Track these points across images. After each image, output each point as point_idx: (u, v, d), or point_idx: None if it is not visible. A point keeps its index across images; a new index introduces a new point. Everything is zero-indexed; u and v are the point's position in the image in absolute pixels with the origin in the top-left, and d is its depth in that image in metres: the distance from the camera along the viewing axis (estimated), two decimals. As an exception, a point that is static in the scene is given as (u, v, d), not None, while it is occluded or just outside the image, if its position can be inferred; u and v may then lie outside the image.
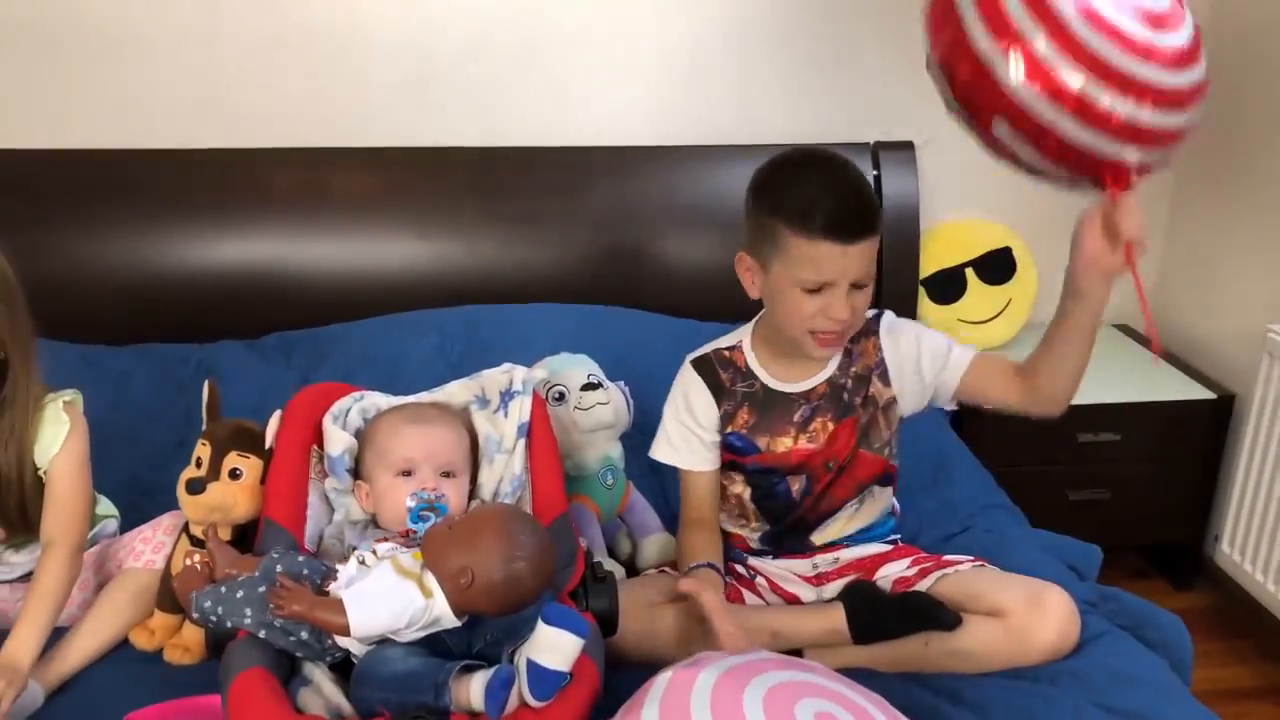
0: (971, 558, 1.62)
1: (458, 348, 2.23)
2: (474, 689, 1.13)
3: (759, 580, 1.63)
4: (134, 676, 1.44)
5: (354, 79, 2.42)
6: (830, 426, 1.58)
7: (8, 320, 1.46)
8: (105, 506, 1.69)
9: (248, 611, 1.23)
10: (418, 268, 2.42)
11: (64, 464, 1.50)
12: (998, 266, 2.62)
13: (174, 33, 2.34)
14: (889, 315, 1.63)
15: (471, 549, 1.21)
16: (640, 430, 1.85)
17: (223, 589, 1.25)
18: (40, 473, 1.50)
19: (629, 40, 2.46)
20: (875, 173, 2.47)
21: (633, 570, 1.71)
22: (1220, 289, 2.54)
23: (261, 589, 1.23)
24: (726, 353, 1.62)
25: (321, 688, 1.23)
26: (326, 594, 1.23)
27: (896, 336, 1.60)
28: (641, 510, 1.77)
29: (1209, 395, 2.41)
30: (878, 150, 2.50)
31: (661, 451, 1.63)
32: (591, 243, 2.42)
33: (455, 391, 1.64)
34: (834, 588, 1.59)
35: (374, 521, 1.50)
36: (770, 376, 1.59)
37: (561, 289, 2.36)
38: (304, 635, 1.22)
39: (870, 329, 1.60)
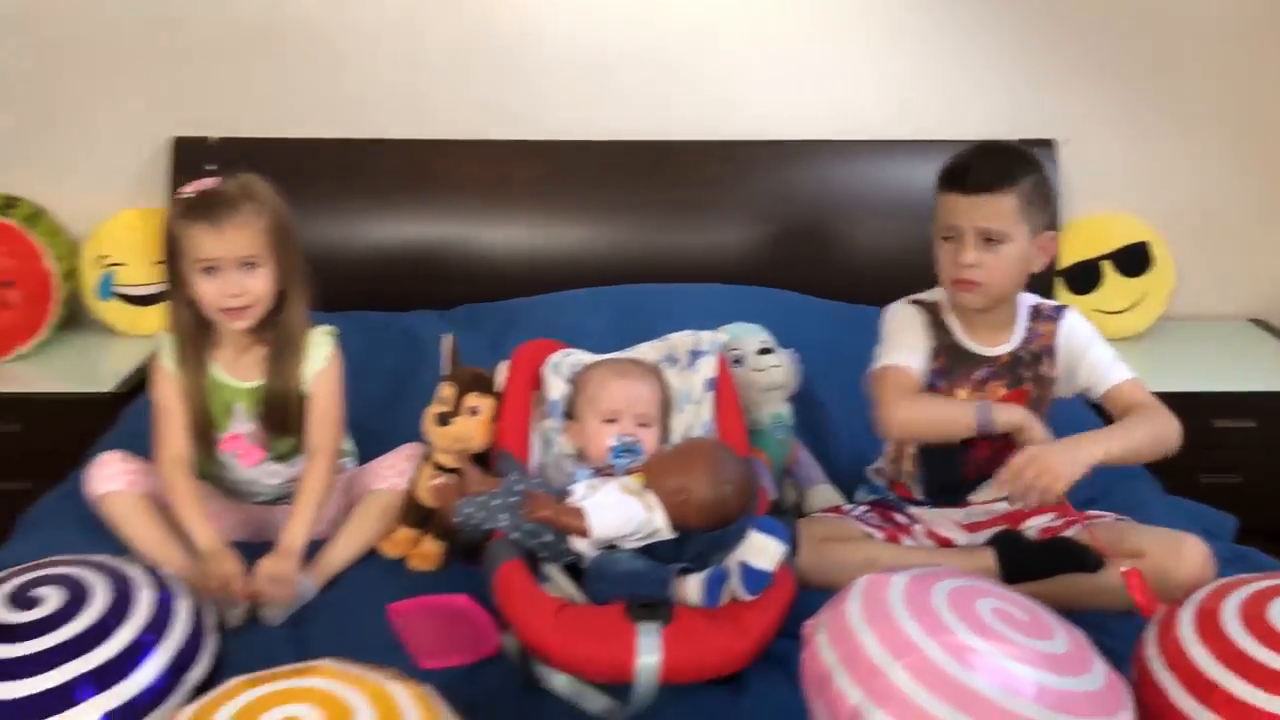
0: (1111, 515, 1.78)
1: (629, 322, 2.44)
2: (691, 586, 1.36)
3: (916, 527, 1.82)
4: (384, 578, 1.72)
5: (535, 77, 2.68)
6: (1001, 393, 1.78)
7: (286, 258, 1.76)
8: (346, 444, 1.98)
9: (503, 517, 1.48)
10: (591, 250, 2.67)
11: (326, 384, 1.79)
12: (1135, 260, 2.74)
13: (379, 38, 2.63)
14: (1074, 312, 1.84)
15: (687, 473, 1.45)
16: (801, 400, 2.07)
17: (480, 499, 1.51)
18: (304, 390, 1.79)
19: (791, 39, 2.66)
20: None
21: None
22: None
23: (514, 499, 1.48)
24: (930, 305, 1.83)
25: (559, 583, 1.48)
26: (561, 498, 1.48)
27: (1073, 330, 1.81)
28: (808, 464, 1.98)
29: (1345, 385, 2.49)
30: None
31: (894, 355, 1.76)
32: (753, 231, 2.64)
33: (646, 352, 1.89)
34: (985, 535, 1.77)
35: (579, 456, 1.74)
36: (963, 334, 1.80)
37: (724, 273, 2.57)
38: (548, 538, 1.47)
39: (1053, 316, 1.82)
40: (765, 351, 1.94)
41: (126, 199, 2.70)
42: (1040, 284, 2.69)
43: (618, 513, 1.43)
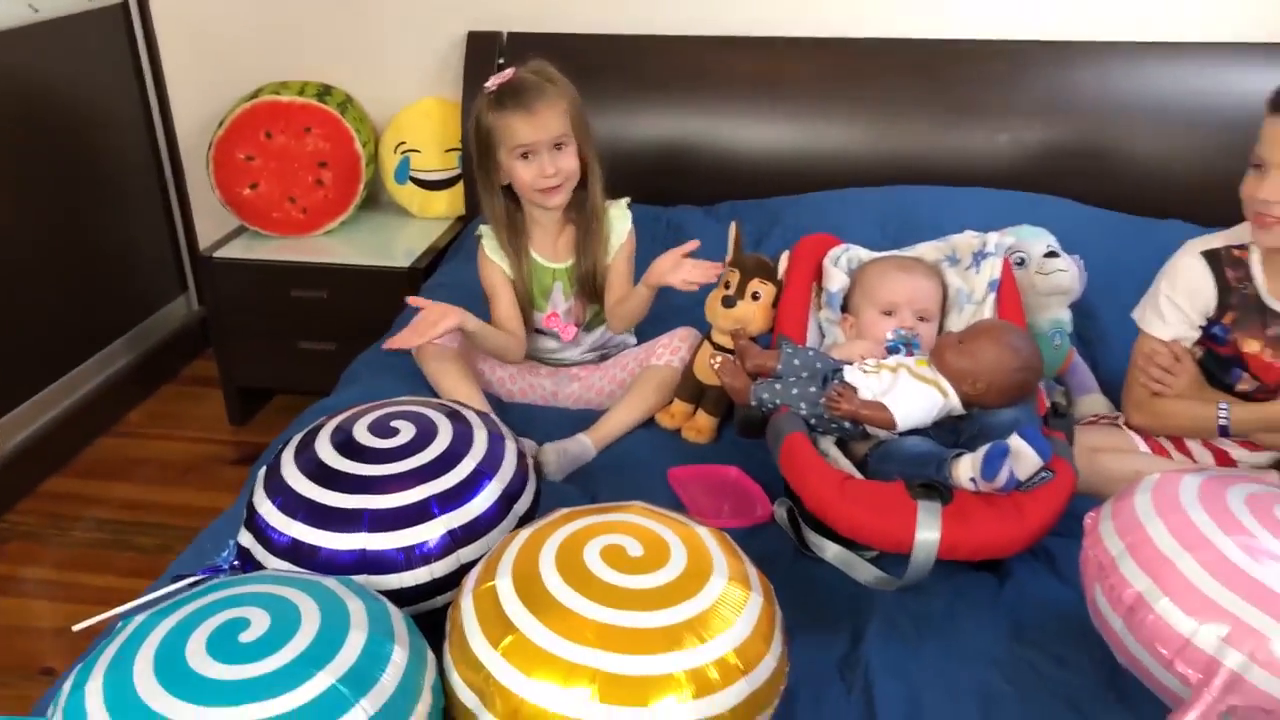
0: None
1: (897, 223, 2.46)
2: (964, 465, 1.41)
3: (1192, 443, 1.78)
4: (661, 447, 1.86)
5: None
6: None
7: (585, 136, 1.90)
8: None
9: (802, 405, 1.58)
10: (857, 152, 2.67)
11: (627, 253, 1.96)
12: None
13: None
14: None
15: (979, 355, 1.51)
16: (1077, 308, 2.04)
17: (777, 385, 1.61)
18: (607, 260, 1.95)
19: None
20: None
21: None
22: None
23: (812, 387, 1.58)
24: (1236, 251, 1.71)
25: (835, 457, 1.56)
26: (853, 390, 1.56)
27: None
28: (1082, 372, 1.96)
29: None
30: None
31: (1147, 320, 1.75)
32: (1030, 136, 2.56)
33: (927, 250, 1.91)
34: (1266, 456, 1.72)
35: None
36: (1265, 288, 1.68)
37: (996, 178, 2.53)
38: (846, 424, 1.56)
39: None
40: (1051, 255, 1.92)
41: (424, 89, 2.91)
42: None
43: (918, 403, 1.51)
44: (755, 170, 2.72)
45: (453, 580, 1.28)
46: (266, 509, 1.31)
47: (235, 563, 1.34)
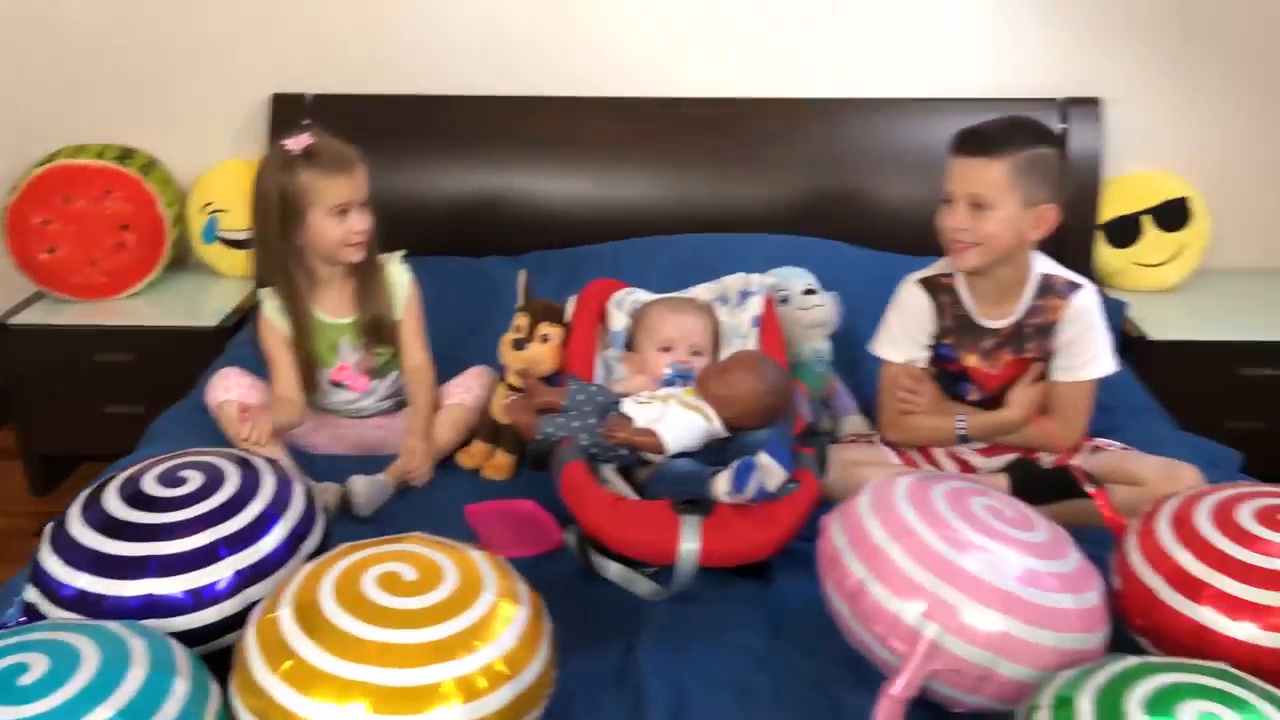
0: (1120, 443, 1.94)
1: (686, 268, 2.62)
2: (720, 481, 1.57)
3: (938, 453, 1.99)
4: (461, 485, 1.96)
5: (601, 39, 2.85)
6: (1008, 359, 1.92)
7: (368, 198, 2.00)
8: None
9: (584, 436, 1.71)
10: (652, 201, 2.85)
11: (414, 307, 2.06)
12: (1173, 215, 2.84)
13: (465, 3, 2.83)
14: (1088, 292, 1.88)
15: (736, 383, 1.69)
16: (841, 339, 2.25)
17: (561, 418, 1.74)
18: (395, 316, 2.03)
19: (839, 6, 2.80)
20: (1063, 126, 2.74)
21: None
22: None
23: (593, 419, 1.71)
24: (945, 279, 1.95)
25: (614, 482, 1.70)
26: (628, 419, 1.70)
27: (1079, 313, 1.87)
28: (844, 396, 2.17)
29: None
30: (1066, 106, 2.76)
31: (883, 348, 1.97)
32: (802, 184, 2.80)
33: (701, 292, 2.09)
34: (1002, 460, 1.95)
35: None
36: (971, 305, 1.92)
37: (774, 224, 2.74)
38: (623, 451, 1.70)
39: (1063, 294, 1.89)
40: (809, 292, 2.13)
41: (230, 150, 2.95)
42: (1082, 238, 2.85)
43: (686, 428, 1.66)
44: (558, 221, 2.86)
45: (242, 619, 1.34)
46: (51, 563, 1.35)
47: (22, 619, 1.36)
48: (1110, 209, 2.85)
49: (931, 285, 1.95)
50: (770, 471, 1.54)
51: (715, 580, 1.62)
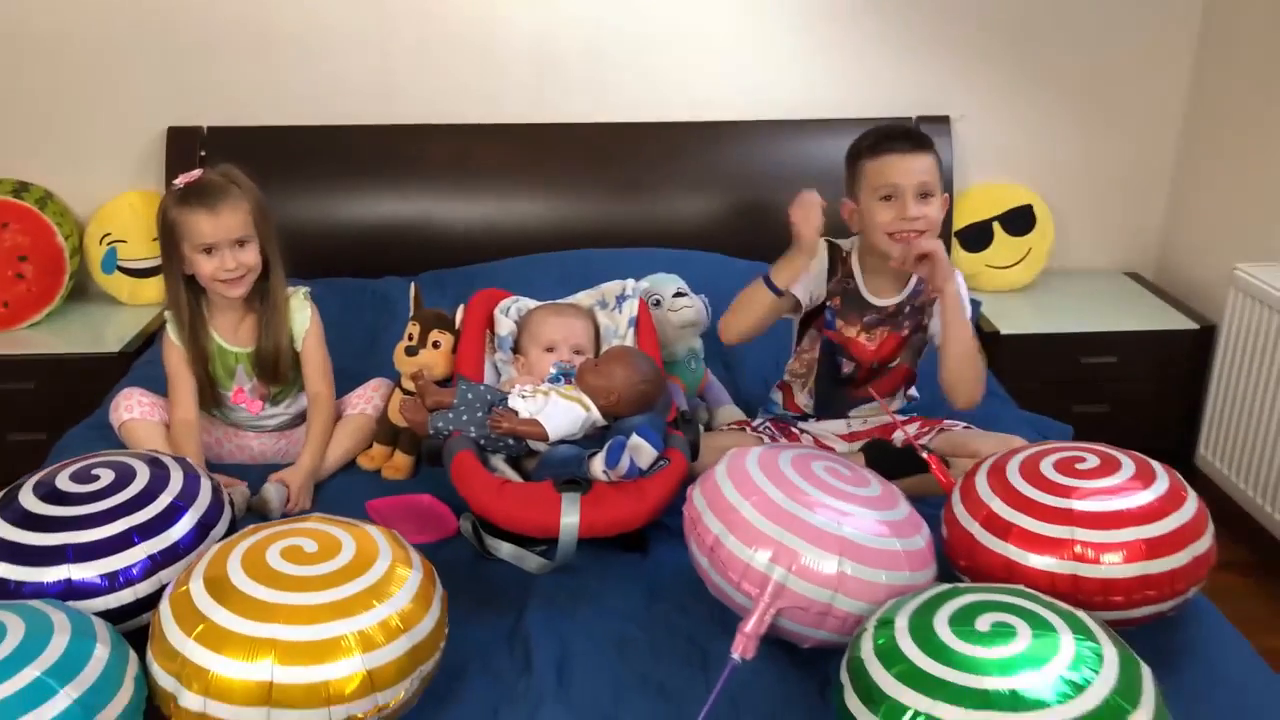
0: (964, 424, 2.16)
1: (574, 281, 2.80)
2: (597, 461, 1.74)
3: (805, 438, 2.19)
4: (363, 485, 2.09)
5: (491, 68, 3.02)
6: (884, 334, 2.13)
7: (267, 232, 2.09)
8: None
9: (472, 429, 1.85)
10: (541, 221, 3.02)
11: (314, 338, 2.14)
12: (1020, 221, 3.13)
13: (351, 35, 2.97)
14: (959, 276, 2.07)
15: (612, 375, 1.85)
16: (718, 340, 2.43)
17: (450, 414, 1.88)
18: (295, 346, 2.13)
19: (717, 34, 3.02)
20: (916, 141, 2.99)
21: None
22: (1204, 231, 3.04)
23: (480, 413, 1.86)
24: (843, 252, 2.12)
25: (501, 469, 1.85)
26: (514, 412, 1.85)
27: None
28: (717, 389, 2.36)
29: (1193, 325, 2.89)
30: (919, 123, 3.02)
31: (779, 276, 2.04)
32: (686, 203, 3.00)
33: (582, 298, 2.26)
34: (861, 444, 2.15)
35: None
36: (864, 284, 2.11)
37: (659, 240, 2.93)
38: (510, 441, 1.85)
39: None
40: (679, 295, 2.31)
41: (127, 182, 3.03)
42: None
43: (565, 417, 1.82)
44: (454, 242, 3.01)
45: (155, 599, 1.46)
46: (-31, 558, 1.45)
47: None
48: (962, 217, 3.11)
49: (833, 249, 2.13)
50: (640, 450, 1.71)
51: (597, 554, 1.78)
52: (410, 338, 2.11)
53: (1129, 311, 2.99)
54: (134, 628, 1.46)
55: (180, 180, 2.05)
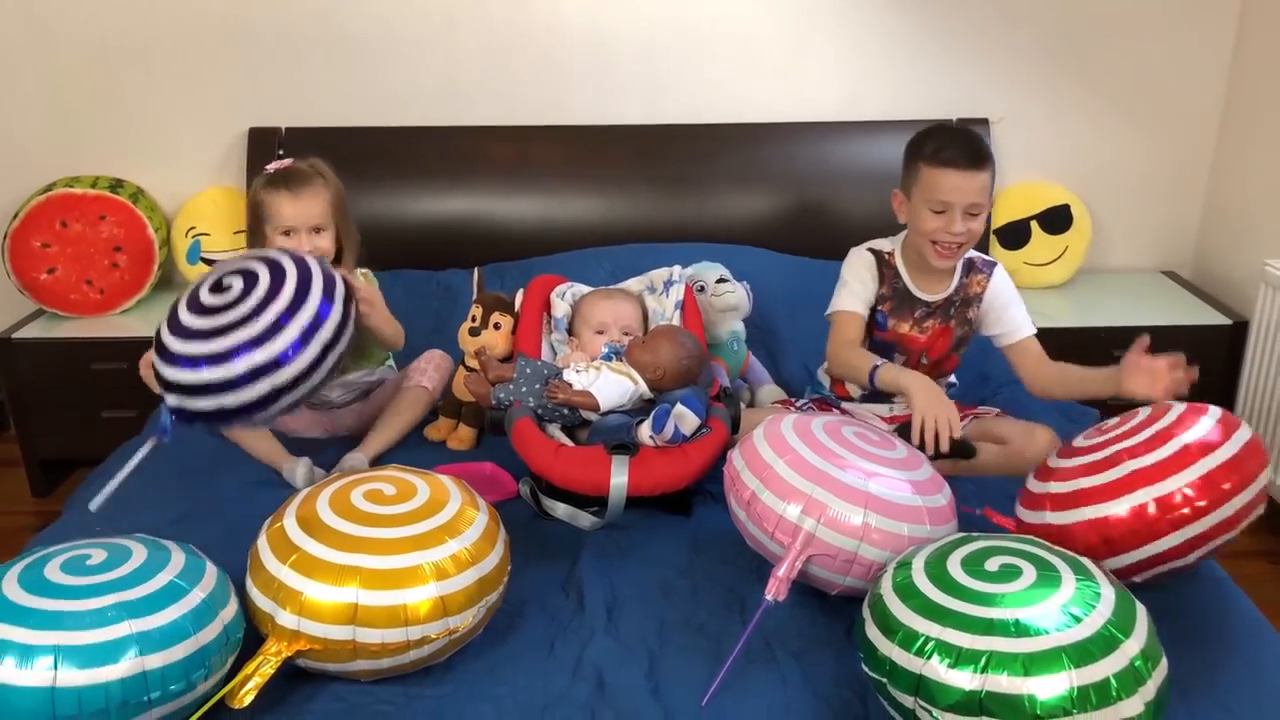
0: (995, 410, 2.28)
1: (623, 273, 2.96)
2: (644, 427, 1.90)
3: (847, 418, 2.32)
4: (430, 455, 2.26)
5: (551, 72, 3.19)
6: (935, 327, 2.23)
7: (344, 224, 2.25)
8: (388, 361, 2.51)
9: (530, 399, 2.02)
10: (594, 217, 3.17)
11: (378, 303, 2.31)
12: (1058, 220, 3.23)
13: (420, 41, 3.16)
14: (1001, 268, 2.22)
15: (658, 350, 2.00)
16: (762, 327, 2.58)
17: (511, 386, 2.05)
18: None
19: (765, 38, 3.17)
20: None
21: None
22: (1238, 228, 3.12)
23: (538, 385, 2.02)
24: (886, 255, 2.22)
25: (557, 435, 2.02)
26: (568, 385, 2.02)
27: (999, 288, 2.20)
28: (758, 370, 2.51)
29: (1226, 321, 2.97)
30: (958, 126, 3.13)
31: (843, 302, 2.17)
32: (734, 200, 3.13)
33: (631, 284, 2.42)
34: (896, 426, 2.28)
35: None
36: (910, 281, 2.22)
37: (707, 236, 3.08)
38: (565, 411, 2.01)
39: (984, 270, 2.21)
40: (722, 281, 2.46)
41: (211, 179, 3.25)
42: (979, 242, 3.19)
43: (615, 389, 1.99)
44: (512, 237, 3.17)
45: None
46: (172, 343, 1.85)
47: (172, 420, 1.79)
48: (1001, 216, 3.22)
49: (879, 256, 2.23)
50: (684, 418, 1.86)
51: (644, 515, 1.93)
52: (474, 319, 2.29)
53: (1163, 307, 3.07)
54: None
55: (272, 166, 2.22)
